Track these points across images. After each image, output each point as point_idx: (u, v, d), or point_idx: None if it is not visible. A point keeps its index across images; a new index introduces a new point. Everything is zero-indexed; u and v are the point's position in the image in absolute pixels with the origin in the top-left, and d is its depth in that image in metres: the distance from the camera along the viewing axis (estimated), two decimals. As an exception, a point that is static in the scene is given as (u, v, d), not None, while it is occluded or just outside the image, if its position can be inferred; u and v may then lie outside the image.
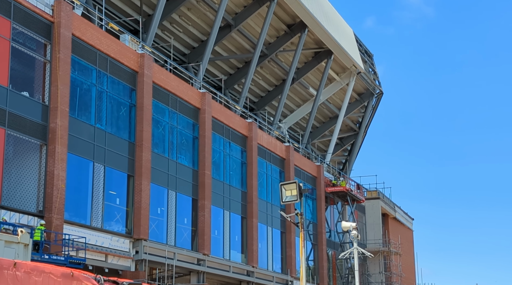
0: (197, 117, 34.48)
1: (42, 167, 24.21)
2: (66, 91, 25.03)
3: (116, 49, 28.37)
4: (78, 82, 26.57)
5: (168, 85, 31.95)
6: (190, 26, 40.06)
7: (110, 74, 28.26)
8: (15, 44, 23.36)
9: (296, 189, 17.51)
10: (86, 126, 26.82)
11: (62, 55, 24.88)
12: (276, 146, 42.88)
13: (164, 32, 39.09)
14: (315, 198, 48.24)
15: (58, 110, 24.49)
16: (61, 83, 24.71)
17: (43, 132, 24.33)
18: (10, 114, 22.95)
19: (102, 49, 27.52)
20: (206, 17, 40.02)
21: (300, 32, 44.80)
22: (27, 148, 23.96)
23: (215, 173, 36.04)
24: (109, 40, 27.99)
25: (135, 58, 29.62)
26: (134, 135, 29.50)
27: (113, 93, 28.53)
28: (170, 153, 32.36)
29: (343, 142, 60.78)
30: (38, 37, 24.40)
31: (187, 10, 39.02)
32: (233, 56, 43.74)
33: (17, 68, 23.77)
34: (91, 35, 26.86)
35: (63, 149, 24.63)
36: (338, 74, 53.11)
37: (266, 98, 49.45)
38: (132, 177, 29.12)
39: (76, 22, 26.01)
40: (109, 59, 28.10)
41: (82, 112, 26.88)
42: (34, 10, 24.05)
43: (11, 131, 22.95)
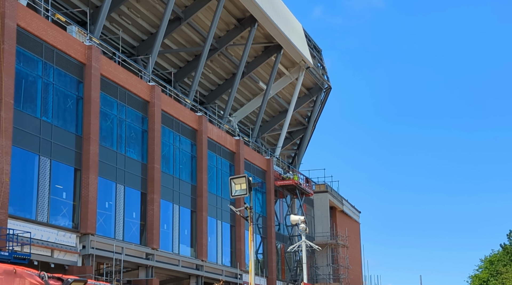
0: (146, 110, 34.23)
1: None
2: (10, 83, 24.46)
3: (62, 41, 27.88)
4: (23, 74, 25.99)
5: (116, 77, 31.60)
6: (139, 18, 39.65)
7: (56, 66, 27.76)
8: (-43, 34, 22.68)
9: (246, 183, 17.70)
10: (31, 119, 26.29)
11: (7, 46, 24.30)
12: (226, 140, 42.99)
13: (112, 24, 38.57)
14: (264, 192, 48.63)
15: (2, 102, 23.93)
16: (6, 74, 24.14)
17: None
18: (-49, 106, 22.30)
19: (49, 41, 27.00)
20: (155, 9, 39.69)
21: (250, 26, 44.97)
22: (-31, 142, 23.33)
23: (165, 166, 35.89)
24: (56, 32, 27.47)
25: (83, 50, 29.18)
26: (82, 128, 29.09)
27: (59, 85, 28.04)
28: (118, 146, 32.05)
29: (292, 136, 61.39)
30: (-19, 27, 23.75)
31: (136, 2, 38.60)
32: (183, 49, 43.55)
33: (-42, 59, 23.09)
34: (37, 26, 26.30)
35: (8, 142, 24.09)
36: (288, 68, 53.57)
37: (216, 91, 49.45)
38: (79, 171, 28.73)
39: (21, 13, 25.42)
40: (55, 51, 27.59)
41: (28, 104, 26.33)
42: (-23, -1, 23.39)
43: (-48, 124, 22.31)
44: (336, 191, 63.48)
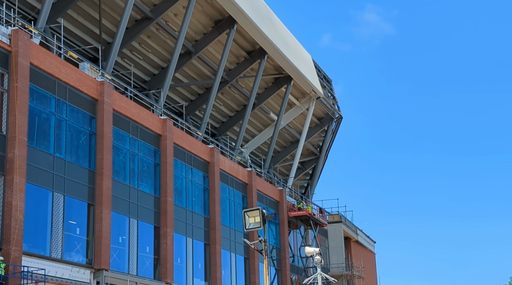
0: (158, 144, 34.39)
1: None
2: (24, 120, 24.72)
3: (75, 77, 28.23)
4: (36, 111, 26.28)
5: (128, 112, 31.84)
6: (150, 53, 40.15)
7: (69, 102, 28.05)
8: (-29, 74, 23.06)
9: (260, 215, 17.61)
10: (45, 155, 26.47)
11: (20, 84, 24.63)
12: (238, 171, 42.97)
13: (124, 60, 39.06)
14: (278, 223, 48.37)
15: (16, 140, 24.15)
16: (19, 112, 24.41)
17: (1, 163, 23.92)
18: (-34, 144, 22.54)
19: (61, 78, 27.34)
20: (166, 44, 40.20)
21: (260, 58, 45.35)
22: (-16, 179, 23.49)
23: (177, 199, 35.88)
24: (68, 69, 27.84)
25: (95, 86, 29.50)
26: (94, 163, 29.23)
27: (72, 121, 28.29)
28: (131, 180, 32.13)
29: (304, 166, 61.28)
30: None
31: (147, 38, 39.14)
32: (193, 83, 43.93)
33: (-27, 98, 23.41)
34: (49, 64, 26.68)
35: (22, 179, 24.23)
36: (298, 99, 53.78)
37: (228, 123, 49.66)
38: (92, 206, 28.77)
39: (34, 51, 25.82)
40: (68, 88, 27.93)
41: (41, 141, 26.55)
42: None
43: (-33, 162, 22.51)
44: (350, 221, 63.03)
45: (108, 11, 35.70)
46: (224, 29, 41.43)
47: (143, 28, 37.29)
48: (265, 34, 43.84)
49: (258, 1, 45.28)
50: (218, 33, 41.55)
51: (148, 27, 37.48)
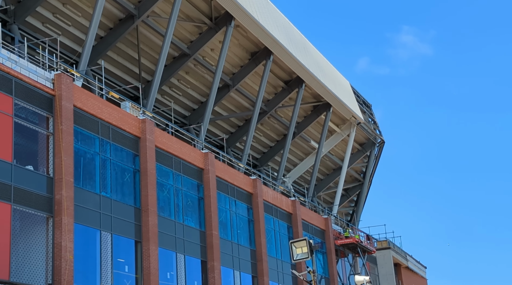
0: (201, 178, 34.57)
1: (49, 240, 24.12)
2: (70, 162, 25.21)
3: (117, 117, 28.75)
4: (81, 152, 26.80)
5: (170, 148, 32.19)
6: (189, 88, 40.69)
7: (113, 141, 28.53)
8: (18, 120, 23.70)
9: (307, 246, 17.39)
10: (91, 195, 26.87)
11: (65, 126, 25.20)
12: (282, 202, 42.75)
13: (164, 97, 39.67)
14: (325, 252, 47.74)
15: (63, 181, 24.61)
16: (65, 154, 24.93)
17: (49, 205, 24.37)
18: (16, 188, 23.05)
19: (104, 118, 27.88)
20: (204, 79, 40.70)
21: (298, 87, 45.44)
22: (33, 222, 23.94)
23: (223, 232, 35.83)
24: (110, 109, 28.40)
25: (137, 124, 29.97)
26: (140, 200, 29.51)
27: (116, 160, 28.72)
28: (176, 215, 32.28)
29: (348, 193, 60.60)
30: (40, 111, 24.77)
31: (185, 74, 39.73)
32: (233, 115, 44.22)
33: (20, 142, 24.03)
34: (92, 105, 27.27)
35: (70, 220, 24.60)
36: (338, 125, 53.51)
37: (269, 154, 49.67)
38: (139, 243, 28.96)
39: (77, 94, 26.45)
40: (111, 127, 28.43)
41: (87, 181, 26.99)
42: (35, 85, 24.51)
43: (17, 206, 22.98)
44: (399, 247, 61.75)
45: (147, 50, 36.45)
46: (261, 61, 41.76)
47: (181, 65, 37.89)
48: (302, 63, 43.98)
49: (292, 31, 45.58)
50: (255, 64, 41.90)
51: (186, 63, 38.07)
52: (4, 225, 22.27)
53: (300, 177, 54.05)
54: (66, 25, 32.09)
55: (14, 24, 29.28)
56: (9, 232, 22.42)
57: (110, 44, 33.76)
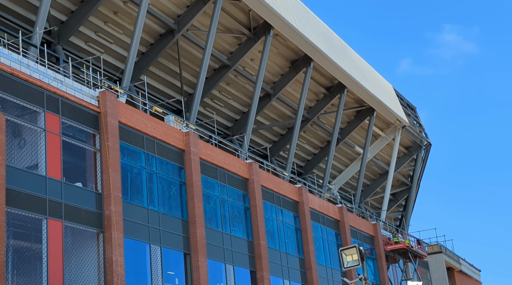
0: (246, 188, 34.59)
1: (100, 255, 24.48)
2: (117, 177, 25.58)
3: (161, 131, 29.06)
4: (128, 167, 27.16)
5: (214, 159, 32.34)
6: (230, 99, 40.89)
7: (158, 155, 28.84)
8: (66, 138, 24.20)
9: (357, 253, 17.17)
10: (139, 209, 27.18)
11: (111, 142, 25.60)
12: (328, 209, 42.40)
13: (206, 109, 39.96)
14: (375, 258, 47.07)
15: (111, 197, 24.97)
16: (112, 170, 25.31)
17: (99, 220, 24.75)
18: (66, 206, 23.50)
19: (149, 132, 28.23)
20: (245, 89, 40.84)
21: (340, 93, 45.11)
22: (84, 238, 24.35)
23: (270, 242, 35.72)
24: (154, 123, 28.74)
25: (181, 137, 30.23)
26: (187, 212, 29.71)
27: (162, 173, 29.01)
28: (223, 226, 32.36)
29: (396, 197, 59.70)
30: (87, 128, 25.25)
31: (226, 85, 39.94)
32: (275, 124, 44.19)
33: (69, 160, 24.52)
34: (136, 120, 27.65)
35: (120, 234, 24.92)
36: (383, 130, 52.85)
37: (313, 161, 49.38)
38: (188, 255, 29.11)
39: (122, 110, 26.87)
40: (156, 141, 28.76)
41: (135, 195, 27.33)
42: (81, 103, 25.01)
43: (68, 223, 23.43)
44: (451, 250, 60.42)
45: (187, 63, 36.82)
46: (301, 68, 41.65)
47: (222, 76, 38.12)
48: (343, 68, 43.68)
49: (332, 36, 45.35)
50: (295, 72, 41.82)
51: (226, 75, 38.28)
52: (56, 242, 22.71)
53: (346, 184, 53.53)
54: (108, 43, 32.72)
55: (59, 44, 30.01)
56: (61, 248, 22.85)
57: (152, 59, 34.24)
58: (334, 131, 45.20)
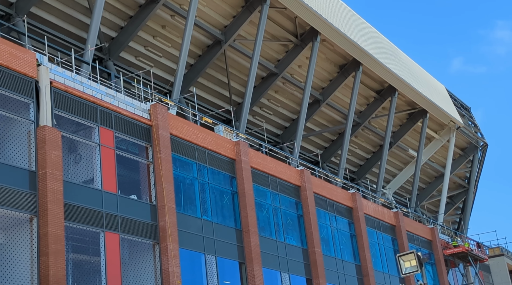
0: (299, 195, 34.42)
1: (157, 266, 24.77)
2: (170, 188, 25.87)
3: (212, 141, 29.28)
4: (180, 178, 27.45)
5: (266, 167, 32.32)
6: (279, 107, 40.86)
7: (209, 165, 29.04)
8: (119, 151, 24.65)
9: (415, 259, 16.79)
10: (193, 220, 27.39)
11: (163, 154, 25.94)
12: (384, 214, 41.75)
13: (255, 117, 40.05)
14: (434, 263, 46.02)
15: (166, 208, 25.26)
16: (165, 181, 25.62)
17: (154, 232, 25.06)
18: (122, 218, 23.90)
19: (199, 143, 28.48)
20: (294, 96, 40.74)
21: (390, 96, 44.48)
22: (141, 249, 24.69)
23: (325, 249, 35.40)
24: (205, 134, 28.98)
25: (231, 146, 30.37)
26: (240, 221, 29.76)
27: (214, 183, 29.19)
28: (277, 235, 32.26)
29: (453, 200, 58.31)
30: (139, 141, 25.66)
31: (275, 93, 39.95)
32: (326, 130, 43.88)
33: (123, 173, 24.96)
34: (187, 132, 27.94)
35: (175, 245, 25.16)
36: (437, 132, 51.79)
37: (366, 166, 48.78)
38: (243, 264, 29.13)
39: (173, 122, 27.21)
40: (207, 152, 28.98)
41: (188, 206, 27.57)
42: (133, 117, 25.45)
43: (124, 235, 23.79)
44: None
45: (235, 73, 37.03)
46: (350, 73, 41.29)
47: (270, 84, 38.16)
48: (393, 71, 43.06)
49: (380, 39, 44.82)
50: (344, 77, 41.48)
51: (274, 83, 38.29)
52: (114, 254, 23.10)
53: (401, 188, 52.61)
54: (158, 56, 33.25)
55: (110, 60, 30.68)
56: (119, 261, 23.23)
57: (200, 70, 34.60)
58: (386, 135, 44.54)
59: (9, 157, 20.80)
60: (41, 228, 20.36)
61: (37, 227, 20.40)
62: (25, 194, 20.42)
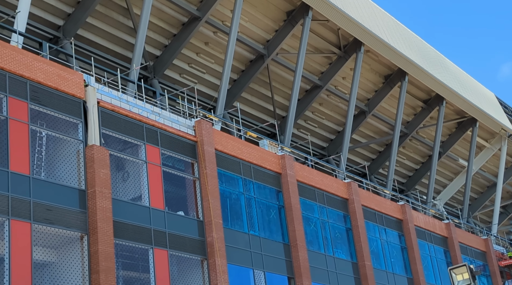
0: (346, 208, 33.98)
1: (206, 282, 24.77)
2: (217, 204, 25.91)
3: (257, 155, 29.23)
4: (227, 193, 27.47)
5: (312, 181, 32.06)
6: (324, 119, 40.58)
7: (255, 180, 28.99)
8: (166, 168, 24.86)
9: (467, 271, 16.29)
10: (240, 235, 27.33)
11: (209, 170, 26.04)
12: (435, 226, 40.82)
13: (300, 130, 39.87)
14: (489, 275, 44.64)
15: (213, 224, 25.29)
16: (212, 197, 25.68)
17: (202, 247, 25.10)
18: (170, 234, 24.02)
19: (244, 158, 28.47)
20: (338, 108, 40.42)
21: (438, 105, 43.68)
22: (189, 265, 24.76)
23: (376, 262, 34.77)
24: (250, 148, 28.97)
25: (277, 160, 30.26)
26: (288, 236, 29.54)
27: (260, 198, 29.10)
28: (326, 248, 31.89)
29: (507, 210, 56.62)
30: (185, 158, 25.83)
31: (319, 105, 39.72)
32: (372, 141, 43.33)
33: (170, 190, 25.15)
34: (232, 147, 27.99)
35: (223, 261, 25.13)
36: (487, 140, 50.49)
37: (415, 177, 47.88)
38: (292, 279, 28.85)
39: (217, 137, 27.32)
40: (252, 166, 28.95)
41: (235, 221, 27.54)
42: (178, 133, 25.67)
43: (173, 251, 23.90)
44: None
45: (279, 86, 37.00)
46: (395, 83, 40.74)
47: (314, 97, 37.97)
48: (439, 79, 42.31)
49: (426, 48, 44.16)
50: (390, 87, 40.95)
51: (318, 95, 38.08)
52: (163, 270, 23.22)
53: (452, 198, 51.40)
54: (201, 73, 33.55)
55: (154, 78, 31.12)
56: (168, 277, 23.32)
57: (244, 85, 34.72)
58: (435, 145, 43.69)
59: (59, 176, 21.22)
60: (92, 246, 20.64)
61: (87, 245, 20.69)
62: (75, 213, 20.76)
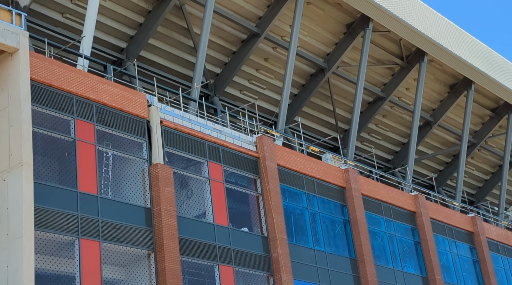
0: (414, 221, 33.16)
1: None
2: (281, 219, 25.80)
3: (320, 170, 28.99)
4: (290, 209, 27.33)
5: (377, 194, 31.49)
6: (388, 132, 39.90)
7: (319, 195, 28.73)
8: (228, 185, 25.00)
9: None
10: (306, 250, 27.09)
11: (272, 186, 25.99)
12: (508, 237, 39.26)
13: (363, 143, 39.33)
14: None
15: (277, 240, 25.18)
16: (275, 212, 25.60)
17: (267, 263, 25.01)
18: (235, 251, 24.07)
19: (307, 173, 28.28)
20: (403, 119, 39.67)
21: (507, 113, 42.31)
22: (255, 282, 24.69)
23: (447, 276, 33.71)
24: (312, 163, 28.77)
25: (340, 174, 29.91)
26: (354, 250, 29.06)
27: (325, 212, 28.79)
28: (394, 263, 31.16)
29: None
30: (247, 174, 25.90)
31: (383, 117, 39.10)
32: (439, 152, 42.26)
33: (233, 206, 25.25)
34: (294, 162, 27.88)
35: (289, 277, 24.95)
36: (562, 147, 48.29)
37: (485, 188, 46.32)
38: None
39: (279, 153, 27.28)
40: (315, 181, 28.71)
41: (300, 237, 27.33)
42: (240, 150, 25.79)
43: (238, 268, 23.92)
44: None
45: (340, 100, 36.69)
46: (461, 92, 39.69)
47: (377, 109, 37.41)
48: (508, 87, 40.98)
49: (492, 55, 42.92)
50: (456, 97, 39.93)
51: (382, 107, 37.50)
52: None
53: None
54: (261, 89, 33.69)
55: (215, 96, 31.48)
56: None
57: (304, 100, 34.61)
58: (505, 154, 42.20)
59: (126, 195, 21.68)
60: (159, 263, 20.92)
61: (154, 262, 20.99)
62: (142, 231, 21.13)
